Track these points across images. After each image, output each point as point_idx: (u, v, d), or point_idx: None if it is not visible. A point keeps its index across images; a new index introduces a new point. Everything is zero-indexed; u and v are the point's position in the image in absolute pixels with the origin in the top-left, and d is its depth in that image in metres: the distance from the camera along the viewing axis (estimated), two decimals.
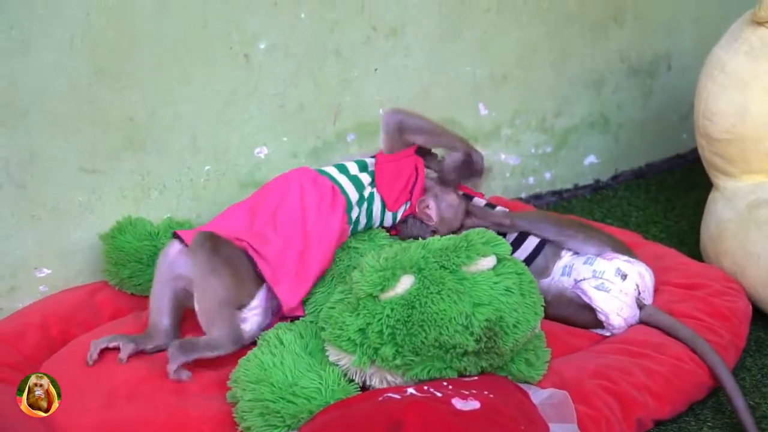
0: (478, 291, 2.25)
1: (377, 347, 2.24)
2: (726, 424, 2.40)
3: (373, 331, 2.23)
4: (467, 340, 2.22)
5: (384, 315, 2.23)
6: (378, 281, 2.25)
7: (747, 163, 2.94)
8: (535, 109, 3.58)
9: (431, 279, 2.26)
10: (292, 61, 3.06)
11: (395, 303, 2.24)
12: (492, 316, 2.23)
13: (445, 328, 2.21)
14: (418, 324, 2.22)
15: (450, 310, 2.22)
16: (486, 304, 2.24)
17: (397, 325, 2.23)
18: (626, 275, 2.61)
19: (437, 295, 2.23)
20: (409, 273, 2.27)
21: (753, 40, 2.91)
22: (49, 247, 2.83)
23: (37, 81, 2.68)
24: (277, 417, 2.20)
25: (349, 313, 2.28)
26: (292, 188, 2.64)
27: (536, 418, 2.18)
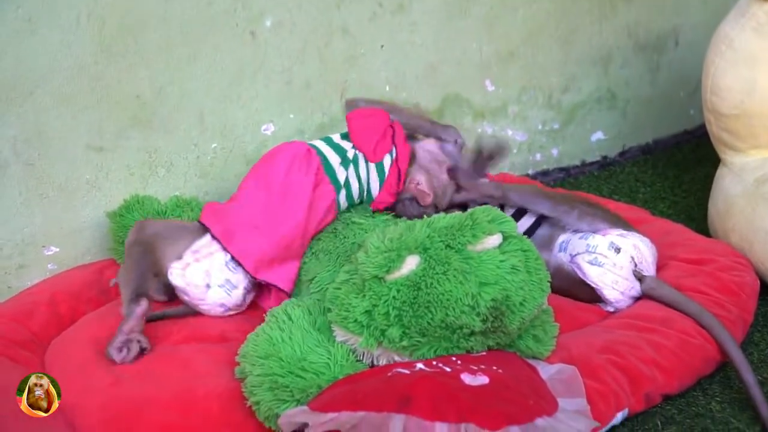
0: (484, 270, 2.24)
1: (384, 329, 2.24)
2: (734, 398, 2.41)
3: (379, 312, 2.23)
4: (474, 321, 2.23)
5: (390, 296, 2.23)
6: (383, 263, 2.25)
7: (755, 138, 2.95)
8: (542, 86, 3.59)
9: (437, 259, 2.25)
10: (298, 38, 3.07)
11: (401, 284, 2.23)
12: (498, 296, 2.23)
13: (451, 309, 2.22)
14: (425, 305, 2.22)
15: (456, 291, 2.21)
16: (492, 284, 2.23)
17: (403, 307, 2.23)
18: (620, 248, 2.60)
19: (443, 275, 2.23)
20: (414, 253, 2.26)
21: (760, 16, 2.90)
22: (57, 225, 2.84)
23: (43, 60, 2.69)
24: (286, 391, 2.20)
25: (355, 294, 2.27)
26: (269, 154, 2.71)
27: (545, 393, 2.18)
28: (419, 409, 1.98)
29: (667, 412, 2.38)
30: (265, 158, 2.71)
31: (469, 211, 2.37)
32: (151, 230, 2.55)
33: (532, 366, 2.32)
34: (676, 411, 2.38)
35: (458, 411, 1.98)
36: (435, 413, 1.97)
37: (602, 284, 2.60)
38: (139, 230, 2.56)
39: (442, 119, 3.37)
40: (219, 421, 2.25)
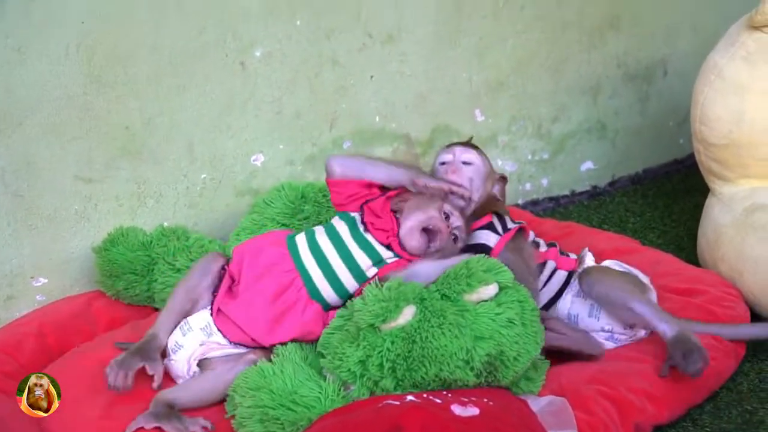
0: (479, 324, 2.24)
1: (377, 380, 2.24)
2: (725, 429, 2.40)
3: (373, 363, 2.23)
4: (467, 375, 2.23)
5: (384, 348, 2.23)
6: (380, 312, 2.24)
7: (744, 168, 2.95)
8: (532, 116, 3.59)
9: (432, 310, 2.25)
10: (288, 69, 3.07)
11: (396, 335, 2.23)
12: (493, 351, 2.22)
13: (445, 365, 2.22)
14: (419, 359, 2.22)
15: (451, 346, 2.21)
16: (487, 338, 2.23)
17: (397, 360, 2.23)
18: (634, 325, 2.59)
19: (438, 329, 2.22)
20: (411, 303, 2.26)
21: (750, 44, 2.92)
22: (46, 257, 2.83)
23: (32, 89, 2.69)
24: (277, 423, 2.19)
25: (349, 343, 2.27)
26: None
27: (535, 425, 2.18)
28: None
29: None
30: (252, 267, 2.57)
31: (464, 259, 2.35)
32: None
33: (522, 399, 2.31)
34: None
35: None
36: None
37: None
38: None
39: (432, 149, 3.36)
40: None
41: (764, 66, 2.90)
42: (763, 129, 2.90)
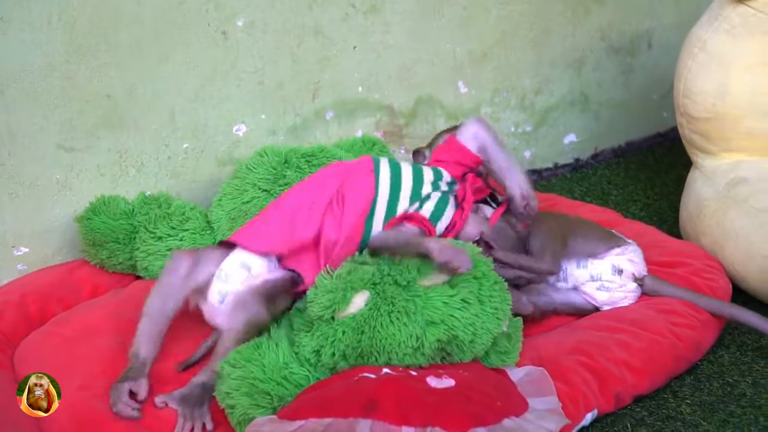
0: (430, 309, 2.19)
1: (332, 366, 2.22)
2: (705, 401, 2.39)
3: (326, 353, 2.21)
4: (419, 360, 2.20)
5: (336, 338, 2.20)
6: (327, 304, 2.21)
7: (726, 141, 2.95)
8: (515, 88, 3.58)
9: (383, 297, 2.21)
10: (271, 39, 3.05)
11: (346, 325, 2.19)
12: (443, 337, 2.18)
13: (394, 354, 2.19)
14: (367, 350, 2.19)
15: (399, 334, 2.17)
16: (438, 323, 2.18)
17: (347, 350, 2.20)
18: (621, 270, 2.61)
19: (387, 317, 2.18)
20: (363, 290, 2.22)
21: (733, 18, 2.90)
22: (27, 225, 2.82)
23: (15, 58, 2.67)
24: (266, 398, 2.16)
25: (305, 332, 2.25)
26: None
27: (513, 394, 2.17)
28: (385, 413, 1.96)
29: (638, 414, 2.37)
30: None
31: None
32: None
33: (501, 369, 2.31)
34: (647, 413, 2.37)
35: (424, 414, 1.97)
36: (401, 417, 1.96)
37: (613, 303, 2.62)
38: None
39: (415, 120, 3.37)
40: None
41: (748, 39, 2.89)
42: (746, 102, 2.89)
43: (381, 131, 3.33)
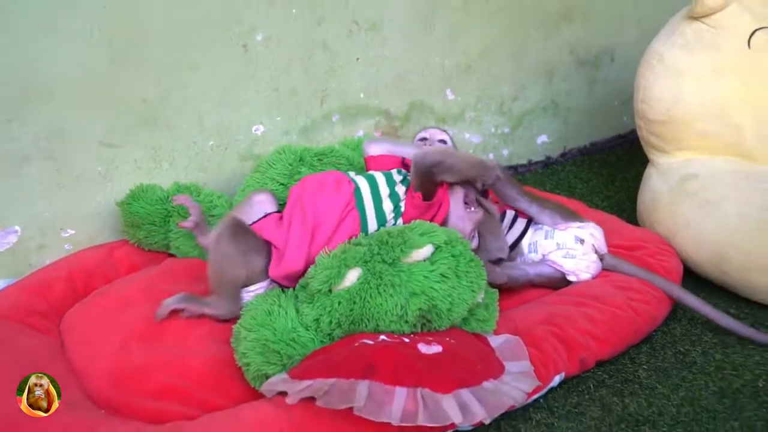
0: (413, 282, 2.18)
1: (329, 332, 2.21)
2: (660, 367, 2.37)
3: (324, 321, 2.21)
4: (403, 327, 2.18)
5: (333, 308, 2.20)
6: (325, 279, 2.22)
7: (679, 141, 2.91)
8: (495, 95, 3.55)
9: (373, 272, 2.20)
10: (285, 51, 3.00)
11: (341, 297, 2.20)
12: (424, 306, 2.17)
13: (381, 320, 2.18)
14: (359, 318, 2.19)
15: (386, 304, 2.17)
16: (419, 294, 2.18)
17: (341, 318, 2.20)
18: (583, 240, 2.59)
19: (375, 289, 2.18)
20: (356, 266, 2.22)
21: (688, 34, 2.88)
22: (74, 211, 2.77)
23: (61, 66, 2.61)
24: (276, 356, 2.15)
25: (307, 303, 2.25)
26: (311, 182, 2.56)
27: (492, 359, 2.15)
28: (382, 375, 1.95)
29: (600, 377, 2.35)
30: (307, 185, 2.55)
31: (404, 226, 2.32)
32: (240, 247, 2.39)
33: (481, 336, 2.28)
34: (608, 376, 2.35)
35: (415, 376, 1.95)
36: (395, 379, 1.95)
37: (578, 271, 2.59)
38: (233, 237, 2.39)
39: (408, 123, 3.33)
40: (209, 383, 2.20)
41: (700, 53, 2.87)
42: (697, 108, 2.86)
43: (379, 132, 3.29)
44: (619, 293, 2.50)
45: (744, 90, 2.84)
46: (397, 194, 2.49)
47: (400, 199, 2.49)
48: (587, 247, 2.60)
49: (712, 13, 2.86)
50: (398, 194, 2.49)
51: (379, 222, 2.45)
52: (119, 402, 2.15)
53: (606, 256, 2.64)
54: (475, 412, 1.91)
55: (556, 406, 2.24)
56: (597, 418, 2.19)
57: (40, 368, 2.20)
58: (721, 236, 2.61)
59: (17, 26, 2.52)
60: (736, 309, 2.60)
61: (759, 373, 2.32)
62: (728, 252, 2.59)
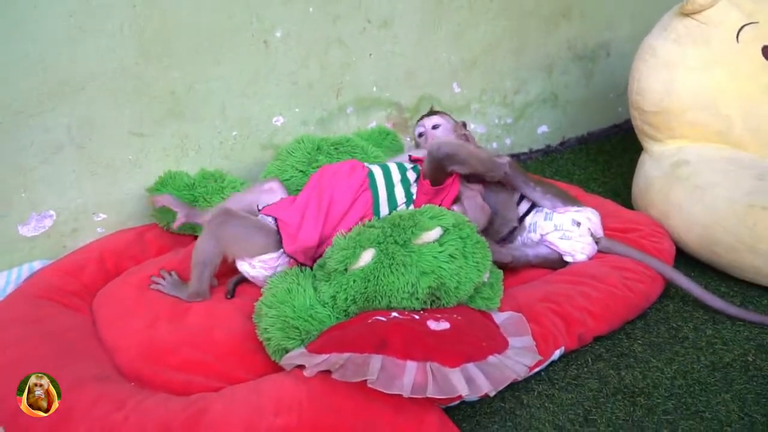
0: (423, 262, 2.15)
1: (345, 308, 2.18)
2: (654, 342, 2.33)
3: (340, 298, 2.18)
4: (414, 304, 2.15)
5: (348, 286, 2.17)
6: (341, 259, 2.20)
7: (671, 130, 2.86)
8: (499, 88, 3.49)
9: (386, 253, 2.17)
10: (303, 47, 2.95)
11: (357, 276, 2.17)
12: (433, 284, 2.14)
13: (394, 297, 2.15)
14: (372, 295, 2.16)
15: (398, 282, 2.14)
16: (429, 273, 2.14)
17: (356, 295, 2.16)
18: (579, 223, 2.55)
19: (388, 268, 2.15)
20: (370, 247, 2.19)
21: (680, 29, 2.84)
22: (105, 197, 2.72)
23: (93, 61, 2.56)
24: (295, 331, 2.13)
25: (324, 281, 2.22)
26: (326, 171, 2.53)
27: (497, 335, 2.11)
28: (393, 350, 1.92)
29: (597, 350, 2.32)
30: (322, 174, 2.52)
31: (414, 210, 2.29)
32: (230, 231, 2.34)
33: (487, 314, 2.25)
34: (604, 350, 2.32)
35: (424, 351, 1.92)
36: (406, 354, 1.91)
37: (574, 252, 2.55)
38: (221, 224, 2.34)
39: (418, 114, 3.27)
40: (232, 356, 2.17)
41: (691, 47, 2.82)
42: (688, 99, 2.81)
43: (391, 123, 3.24)
44: (615, 272, 2.46)
45: (732, 82, 2.79)
46: (408, 180, 2.46)
47: (411, 184, 2.45)
48: (583, 230, 2.55)
49: (702, 9, 2.81)
50: (409, 180, 2.46)
51: (391, 206, 2.42)
52: (147, 375, 2.12)
53: (602, 239, 2.59)
54: (481, 384, 1.87)
55: (557, 378, 2.21)
56: (595, 390, 2.15)
57: (73, 345, 2.18)
58: (711, 219, 2.56)
59: (52, 24, 2.48)
60: (726, 288, 2.56)
61: (748, 347, 2.27)
62: (718, 234, 2.54)
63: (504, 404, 2.11)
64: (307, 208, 2.39)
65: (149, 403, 1.96)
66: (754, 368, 2.19)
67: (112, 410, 1.93)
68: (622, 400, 2.10)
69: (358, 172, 2.46)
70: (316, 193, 2.42)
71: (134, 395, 1.99)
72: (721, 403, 2.07)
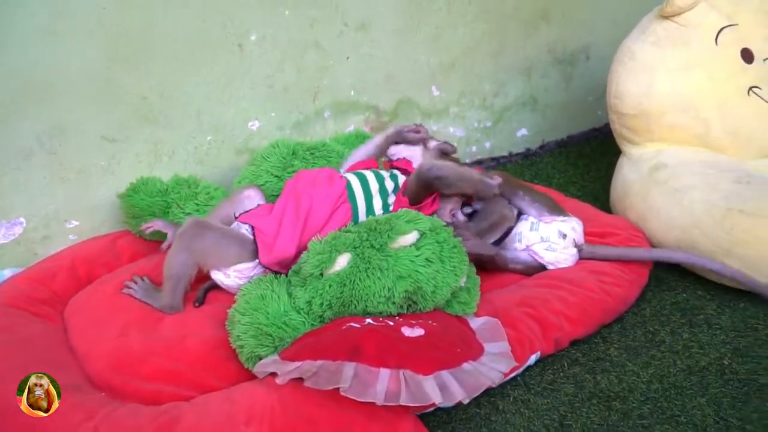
0: (399, 266, 2.15)
1: (321, 314, 2.17)
2: (630, 345, 2.33)
3: (316, 303, 2.17)
4: (390, 308, 2.15)
5: (324, 291, 2.16)
6: (317, 263, 2.19)
7: (650, 133, 2.87)
8: (478, 91, 3.49)
9: (362, 257, 2.17)
10: (278, 51, 2.94)
11: (332, 280, 2.16)
12: (410, 288, 2.14)
13: (370, 302, 2.14)
14: (348, 300, 2.15)
15: (374, 286, 2.13)
16: (406, 277, 2.14)
17: (332, 300, 2.16)
18: (565, 234, 2.55)
19: (364, 272, 2.15)
20: (346, 252, 2.18)
21: (659, 31, 2.84)
22: (77, 203, 2.71)
23: (62, 65, 2.55)
24: (268, 338, 2.12)
25: (300, 286, 2.21)
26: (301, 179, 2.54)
27: (472, 341, 2.11)
28: (367, 357, 1.92)
29: (573, 355, 2.32)
30: (299, 180, 2.52)
31: (391, 214, 2.28)
32: (204, 243, 2.32)
33: (462, 319, 2.25)
34: (581, 354, 2.32)
35: (398, 359, 1.92)
36: (379, 361, 1.91)
37: (557, 262, 2.55)
38: (194, 236, 2.32)
39: (396, 119, 3.28)
40: (204, 364, 2.16)
41: (670, 50, 2.83)
42: (666, 101, 2.81)
43: (369, 126, 3.24)
44: (592, 276, 2.47)
45: (711, 84, 2.80)
46: (386, 190, 2.47)
47: (389, 194, 2.46)
48: (568, 241, 2.55)
49: (681, 12, 2.82)
50: (387, 190, 2.47)
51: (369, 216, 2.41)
52: (118, 384, 2.10)
53: (584, 247, 2.59)
54: (454, 392, 1.88)
55: (533, 383, 2.21)
56: (570, 394, 2.15)
57: (43, 354, 2.16)
58: (689, 222, 2.57)
59: (21, 28, 2.46)
60: (703, 291, 2.56)
61: (724, 351, 2.28)
62: (695, 237, 2.54)
63: (479, 410, 2.11)
64: (285, 216, 2.38)
65: (119, 413, 1.95)
66: (730, 372, 2.19)
67: (82, 420, 1.92)
68: (597, 405, 2.10)
69: (336, 183, 2.46)
70: (294, 201, 2.41)
71: (105, 405, 1.98)
72: (696, 407, 2.08)
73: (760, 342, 2.31)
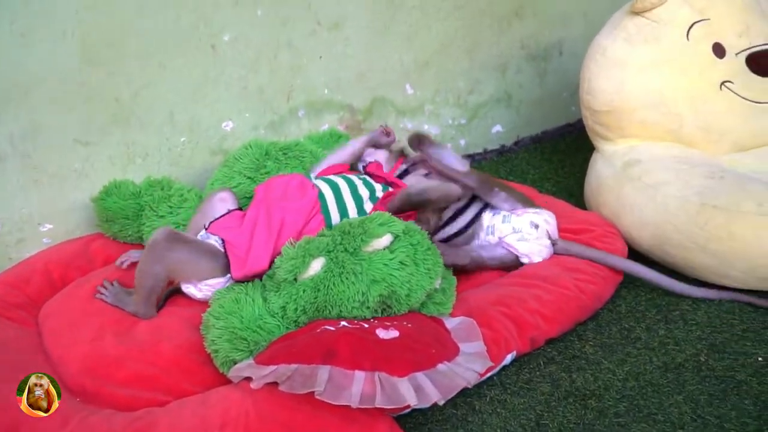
0: (373, 270, 2.14)
1: (295, 319, 2.15)
2: (605, 343, 2.33)
3: (290, 308, 2.15)
4: (364, 313, 2.14)
5: (298, 296, 2.15)
6: (290, 268, 2.17)
7: (622, 129, 2.86)
8: (452, 89, 3.48)
9: (336, 262, 2.16)
10: (252, 51, 2.91)
11: (306, 286, 2.15)
12: (384, 292, 2.13)
13: (344, 306, 2.13)
14: (323, 305, 2.14)
15: (348, 291, 2.12)
16: (380, 281, 2.13)
17: (306, 306, 2.14)
18: (537, 225, 2.55)
19: (338, 277, 2.13)
20: (320, 256, 2.17)
21: (630, 28, 2.84)
22: (51, 206, 2.68)
23: (36, 67, 2.51)
24: (243, 343, 2.10)
25: (274, 292, 2.20)
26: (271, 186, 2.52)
27: (447, 342, 2.10)
28: (342, 360, 1.91)
29: (549, 354, 2.32)
30: (269, 188, 2.50)
31: (363, 218, 2.27)
32: (177, 256, 2.29)
33: (438, 319, 2.24)
34: (557, 353, 2.32)
35: (373, 361, 1.91)
36: (354, 364, 1.90)
37: (531, 254, 2.55)
38: (167, 249, 2.28)
39: (371, 116, 3.26)
40: (179, 369, 2.14)
41: (641, 46, 2.82)
42: (638, 97, 2.81)
43: (344, 125, 3.22)
44: (566, 274, 2.46)
45: (683, 80, 2.80)
46: (361, 197, 2.46)
47: (363, 201, 2.46)
48: (541, 232, 2.55)
49: (653, 7, 2.82)
50: (361, 197, 2.46)
51: None
52: (92, 389, 2.09)
53: (558, 242, 2.59)
54: (429, 393, 1.86)
55: (509, 383, 2.20)
56: (547, 393, 2.15)
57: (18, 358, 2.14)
58: (663, 218, 2.57)
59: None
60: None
61: (701, 348, 2.28)
62: (669, 233, 2.55)
63: (456, 411, 2.10)
64: (256, 229, 2.36)
65: (94, 419, 1.93)
66: (707, 368, 2.19)
67: (56, 426, 1.90)
68: (573, 404, 2.10)
69: (308, 194, 2.44)
70: (265, 213, 2.39)
71: (79, 411, 1.97)
72: (673, 404, 2.07)
73: (737, 338, 2.31)
